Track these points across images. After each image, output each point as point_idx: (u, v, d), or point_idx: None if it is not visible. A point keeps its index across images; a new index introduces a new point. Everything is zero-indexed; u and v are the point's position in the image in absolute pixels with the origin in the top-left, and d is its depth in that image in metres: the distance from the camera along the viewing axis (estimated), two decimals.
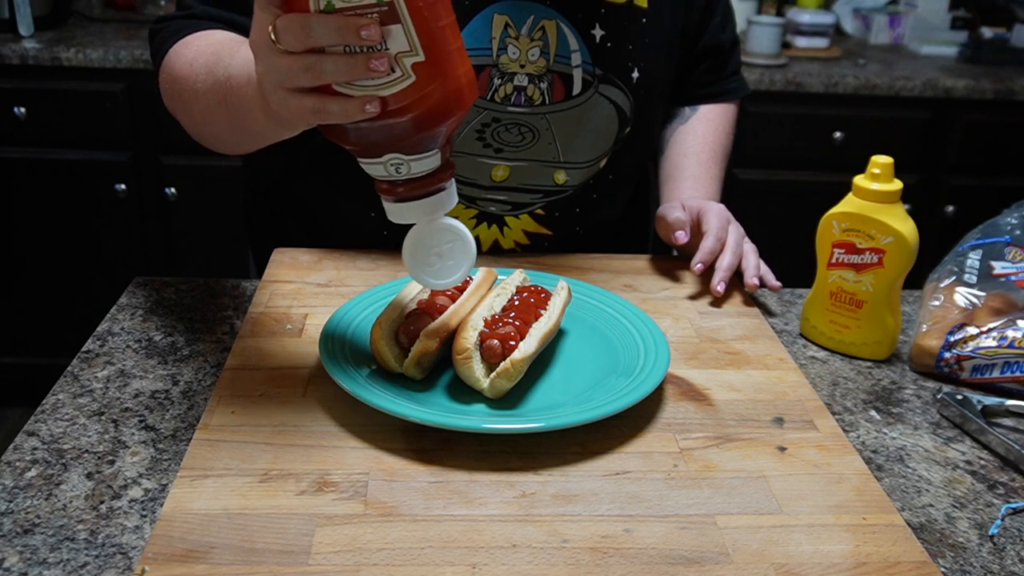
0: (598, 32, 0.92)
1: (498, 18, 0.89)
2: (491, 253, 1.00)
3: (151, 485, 0.63)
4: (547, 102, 0.93)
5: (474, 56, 0.89)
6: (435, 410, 0.68)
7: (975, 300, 0.84)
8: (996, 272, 0.86)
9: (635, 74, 0.95)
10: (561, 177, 0.97)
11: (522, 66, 0.91)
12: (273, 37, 0.57)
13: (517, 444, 0.67)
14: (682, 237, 0.93)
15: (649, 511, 0.61)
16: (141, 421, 0.71)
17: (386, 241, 0.96)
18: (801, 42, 2.31)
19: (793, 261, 2.54)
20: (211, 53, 0.77)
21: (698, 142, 1.08)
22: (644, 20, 0.94)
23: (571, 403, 0.70)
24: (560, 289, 0.79)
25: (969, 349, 0.81)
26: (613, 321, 0.81)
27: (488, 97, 0.91)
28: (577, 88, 0.93)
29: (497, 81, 0.90)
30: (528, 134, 0.93)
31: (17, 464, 0.65)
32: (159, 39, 0.88)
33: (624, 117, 0.97)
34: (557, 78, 0.92)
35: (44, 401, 0.73)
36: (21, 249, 2.18)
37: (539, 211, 0.98)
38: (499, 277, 0.82)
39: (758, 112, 2.11)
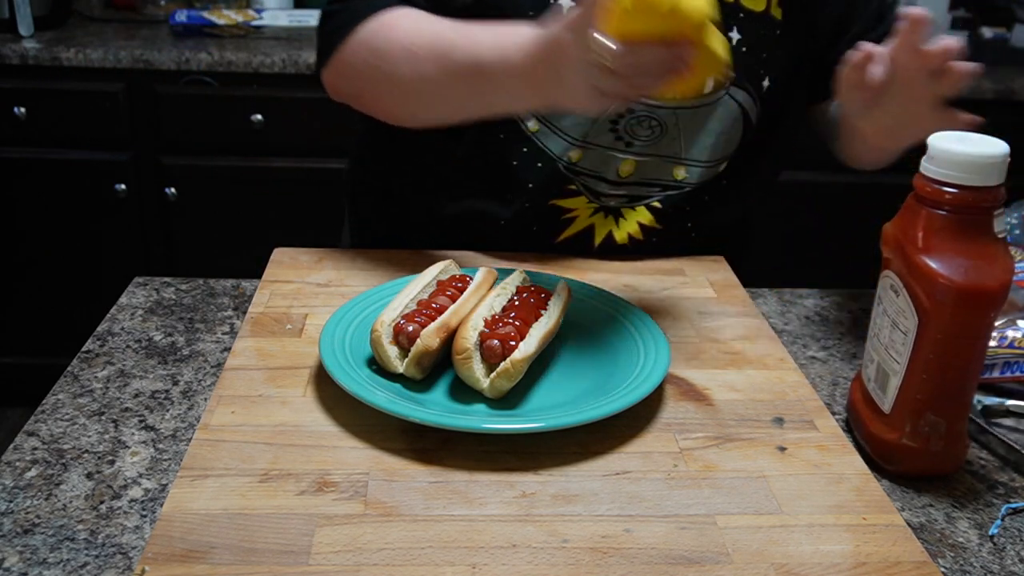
0: (735, 36, 0.94)
1: None
2: (602, 247, 1.00)
3: (151, 485, 0.63)
4: (678, 97, 0.94)
5: None
6: (435, 410, 0.68)
7: None
8: None
9: (766, 83, 0.96)
10: (680, 173, 0.98)
11: None
12: (608, 63, 0.68)
13: (517, 444, 0.67)
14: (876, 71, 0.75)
15: (649, 511, 0.61)
16: (141, 421, 0.71)
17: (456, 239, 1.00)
18: None
19: (792, 260, 2.53)
20: (433, 37, 0.86)
21: None
22: (778, 32, 0.95)
23: (571, 403, 0.70)
24: (560, 289, 0.79)
25: None
26: (613, 321, 0.81)
27: None
28: (709, 87, 0.94)
29: None
30: (657, 128, 0.95)
31: (17, 464, 0.65)
32: (340, 19, 0.92)
33: (749, 122, 0.97)
34: None
35: (44, 401, 0.73)
36: (21, 249, 2.19)
37: (656, 203, 0.99)
38: (499, 277, 0.82)
39: None
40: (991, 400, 0.77)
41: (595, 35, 0.68)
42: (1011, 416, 0.77)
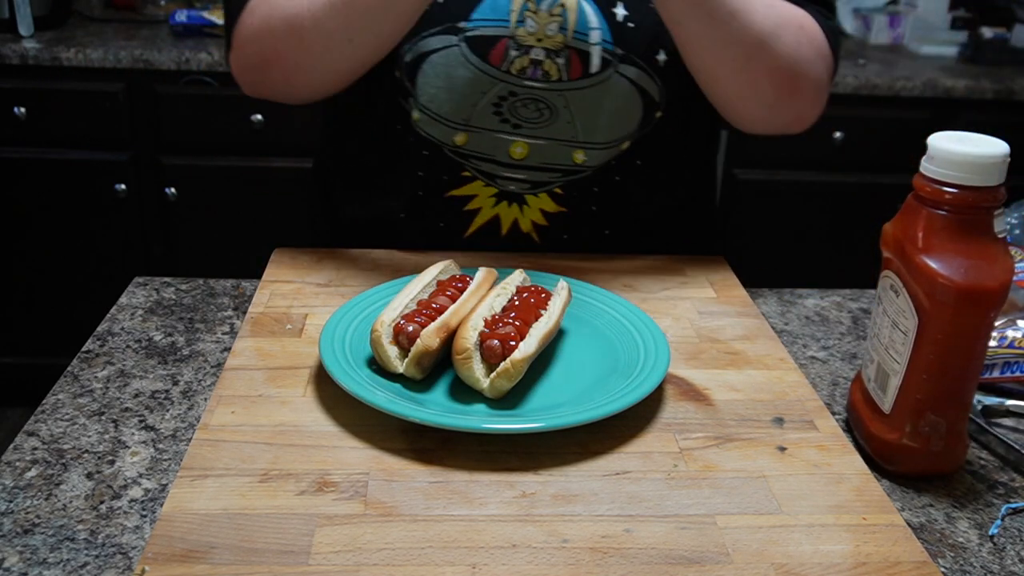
0: (620, 11, 0.92)
1: None
2: (510, 236, 0.99)
3: (151, 485, 0.63)
4: (564, 78, 0.93)
5: (491, 27, 0.91)
6: (435, 410, 0.68)
7: None
8: None
9: (661, 56, 0.94)
10: (580, 157, 0.97)
11: (539, 40, 0.92)
12: None
13: (517, 444, 0.67)
14: None
15: (649, 511, 0.61)
16: (141, 421, 0.71)
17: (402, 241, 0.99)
18: None
19: (792, 261, 2.53)
20: None
21: None
22: None
23: (571, 403, 0.70)
24: (560, 289, 0.79)
25: None
26: (613, 321, 0.81)
27: (503, 68, 0.92)
28: (595, 66, 0.93)
29: (513, 53, 0.92)
30: (546, 111, 0.94)
31: (17, 464, 0.65)
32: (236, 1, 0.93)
33: (651, 100, 0.96)
34: (574, 54, 0.93)
35: (44, 401, 0.73)
36: (21, 249, 2.19)
37: (557, 190, 0.98)
38: (499, 277, 0.82)
39: None
40: (991, 400, 0.77)
41: None
42: (1011, 416, 0.77)
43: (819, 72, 0.92)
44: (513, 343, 0.70)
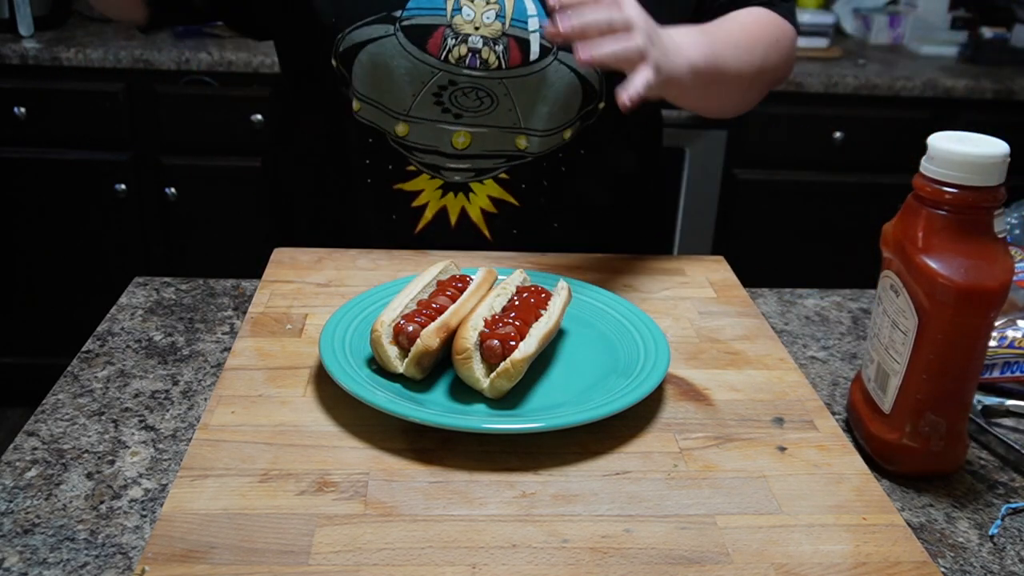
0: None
1: None
2: (460, 225, 0.99)
3: (151, 485, 0.63)
4: (503, 66, 0.93)
5: (428, 15, 0.91)
6: (435, 410, 0.68)
7: None
8: None
9: None
10: (522, 142, 0.97)
11: (476, 28, 0.91)
12: None
13: (517, 444, 0.67)
14: None
15: (649, 511, 0.61)
16: (141, 421, 0.71)
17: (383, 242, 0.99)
18: (801, 42, 2.30)
19: (792, 261, 2.53)
20: None
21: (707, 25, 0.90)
22: None
23: (571, 403, 0.70)
24: (560, 289, 0.79)
25: None
26: (613, 321, 0.81)
27: (442, 57, 0.92)
28: (534, 54, 0.93)
29: (451, 42, 0.91)
30: (487, 99, 0.94)
31: (17, 464, 0.65)
32: None
33: (591, 88, 0.96)
34: (513, 42, 0.92)
35: (44, 401, 0.73)
36: (21, 249, 2.19)
37: (503, 175, 0.98)
38: (499, 277, 0.82)
39: (758, 112, 2.11)
40: (991, 400, 0.77)
41: None
42: (1011, 416, 0.77)
43: (793, 58, 1.01)
44: (513, 343, 0.70)
